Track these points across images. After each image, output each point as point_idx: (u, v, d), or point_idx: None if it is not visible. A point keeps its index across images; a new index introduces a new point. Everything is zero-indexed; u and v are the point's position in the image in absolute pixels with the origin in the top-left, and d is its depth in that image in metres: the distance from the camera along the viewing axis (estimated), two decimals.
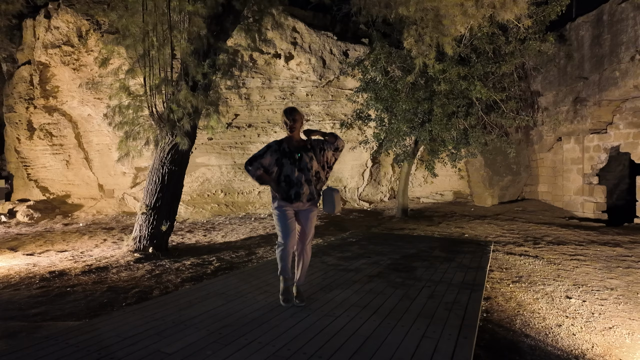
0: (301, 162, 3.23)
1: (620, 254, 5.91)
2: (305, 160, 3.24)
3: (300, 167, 3.22)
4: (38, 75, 10.58)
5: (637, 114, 8.93)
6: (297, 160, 3.22)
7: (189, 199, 11.23)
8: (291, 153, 3.25)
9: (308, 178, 3.24)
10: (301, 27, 10.57)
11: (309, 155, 3.28)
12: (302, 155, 3.25)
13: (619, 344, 3.24)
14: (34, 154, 11.38)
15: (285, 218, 3.26)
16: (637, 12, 7.87)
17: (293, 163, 3.22)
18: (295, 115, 3.28)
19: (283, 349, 2.44)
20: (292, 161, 3.23)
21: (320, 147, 3.35)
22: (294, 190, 3.22)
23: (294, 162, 3.22)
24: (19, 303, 3.94)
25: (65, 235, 7.97)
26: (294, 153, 3.24)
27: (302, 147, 3.32)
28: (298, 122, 3.29)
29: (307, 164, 3.25)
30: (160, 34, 5.82)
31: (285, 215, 3.26)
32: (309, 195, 3.26)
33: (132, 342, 2.51)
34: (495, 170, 11.24)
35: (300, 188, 3.22)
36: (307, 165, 3.25)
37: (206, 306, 3.21)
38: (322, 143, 3.35)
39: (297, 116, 3.29)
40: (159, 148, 6.15)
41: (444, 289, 3.73)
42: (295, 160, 3.22)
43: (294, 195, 3.22)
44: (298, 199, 3.23)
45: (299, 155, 3.23)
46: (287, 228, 3.25)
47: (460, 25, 6.42)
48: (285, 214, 3.25)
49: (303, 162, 3.23)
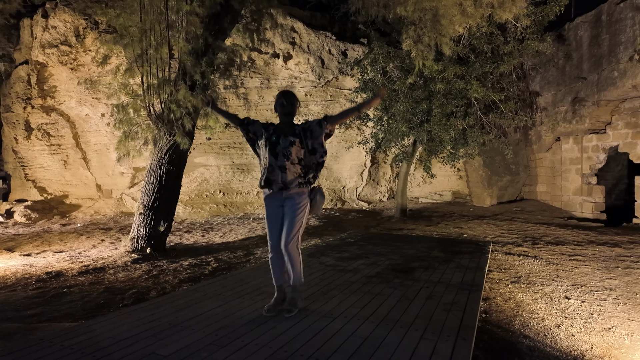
0: (277, 146, 2.93)
1: (619, 254, 5.90)
2: (280, 145, 2.93)
3: (275, 152, 2.92)
4: (35, 75, 10.54)
5: (635, 114, 8.93)
6: (272, 143, 2.94)
7: (187, 199, 11.21)
8: (270, 135, 2.98)
9: (282, 164, 2.91)
10: (300, 26, 10.55)
11: (288, 140, 2.93)
12: (280, 138, 2.94)
13: (618, 345, 3.23)
14: (32, 154, 11.34)
15: (267, 210, 3.04)
16: (635, 12, 7.87)
17: (267, 145, 2.96)
18: (294, 100, 3.04)
19: (280, 350, 2.41)
20: (267, 143, 2.97)
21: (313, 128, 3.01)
22: (264, 175, 2.96)
23: (269, 145, 2.96)
24: (15, 304, 3.92)
25: (62, 235, 7.93)
26: (272, 135, 2.97)
27: (289, 132, 2.99)
28: (296, 108, 3.05)
29: (283, 149, 2.91)
30: (158, 33, 5.80)
31: (267, 207, 3.04)
32: (280, 183, 2.93)
33: (128, 343, 2.48)
34: (494, 170, 11.23)
35: (271, 174, 2.93)
36: (284, 151, 2.91)
37: (203, 307, 3.18)
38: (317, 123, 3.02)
39: (297, 101, 3.06)
40: (157, 148, 6.13)
41: (443, 290, 3.72)
42: (270, 142, 2.95)
43: (264, 181, 2.96)
44: (268, 185, 2.96)
45: (274, 139, 2.94)
46: (268, 223, 3.04)
47: (459, 25, 6.41)
48: (268, 204, 3.03)
49: (279, 147, 2.92)
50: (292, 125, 3.04)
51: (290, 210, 2.96)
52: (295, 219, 2.95)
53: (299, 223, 2.98)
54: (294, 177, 2.94)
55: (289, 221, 2.96)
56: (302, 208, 3.00)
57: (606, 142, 9.47)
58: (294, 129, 3.01)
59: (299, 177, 2.96)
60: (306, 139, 2.99)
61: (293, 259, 3.02)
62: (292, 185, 2.94)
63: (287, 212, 2.97)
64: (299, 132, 2.99)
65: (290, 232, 2.95)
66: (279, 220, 3.00)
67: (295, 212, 2.95)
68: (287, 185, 2.94)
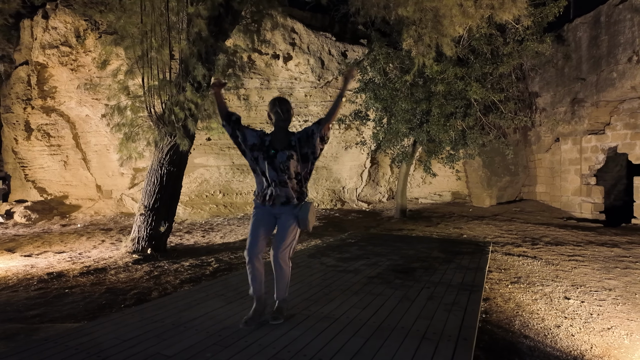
0: (274, 160, 2.80)
1: (618, 254, 5.93)
2: (278, 159, 2.80)
3: (274, 166, 2.81)
4: (36, 76, 10.54)
5: (634, 115, 8.97)
6: (270, 156, 2.81)
7: (187, 199, 11.21)
8: (267, 148, 2.83)
9: (283, 179, 2.81)
10: (300, 27, 10.57)
11: (287, 154, 2.81)
12: (278, 152, 2.81)
13: (617, 345, 3.25)
14: (32, 154, 11.34)
15: (256, 217, 2.92)
16: (634, 13, 7.90)
17: (266, 159, 2.82)
18: (290, 107, 2.89)
19: (283, 350, 2.43)
20: (265, 156, 2.82)
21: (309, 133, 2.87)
22: (266, 191, 2.85)
23: (267, 158, 2.82)
24: (17, 305, 3.93)
25: (63, 236, 7.94)
26: (270, 149, 2.82)
27: (285, 143, 2.86)
28: (291, 115, 2.92)
29: (281, 164, 2.80)
30: (159, 34, 5.82)
31: (258, 215, 2.92)
32: (284, 198, 2.84)
33: (132, 344, 2.50)
34: (494, 170, 11.26)
35: (275, 189, 2.82)
36: (282, 166, 2.80)
37: (205, 308, 3.20)
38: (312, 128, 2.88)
39: (292, 108, 2.92)
40: (158, 149, 6.14)
41: (443, 290, 3.74)
42: (268, 157, 2.81)
43: (267, 197, 2.85)
44: (271, 202, 2.84)
45: (273, 152, 2.80)
46: (251, 233, 2.89)
47: (459, 25, 6.43)
48: (260, 213, 2.91)
49: (277, 161, 2.80)
50: (288, 135, 2.90)
51: (287, 221, 2.86)
52: (291, 230, 2.86)
53: (294, 234, 2.88)
54: (293, 191, 2.86)
55: (284, 231, 2.85)
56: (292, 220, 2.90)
57: (605, 142, 9.51)
58: (290, 139, 2.88)
59: (297, 190, 2.89)
60: (301, 148, 2.87)
61: (283, 271, 2.89)
62: (292, 200, 2.86)
63: (282, 222, 2.88)
64: (295, 144, 2.86)
65: (284, 241, 2.84)
66: (268, 230, 2.91)
67: (291, 223, 2.86)
68: (290, 200, 2.85)
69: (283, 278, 2.91)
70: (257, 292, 2.88)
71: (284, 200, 2.85)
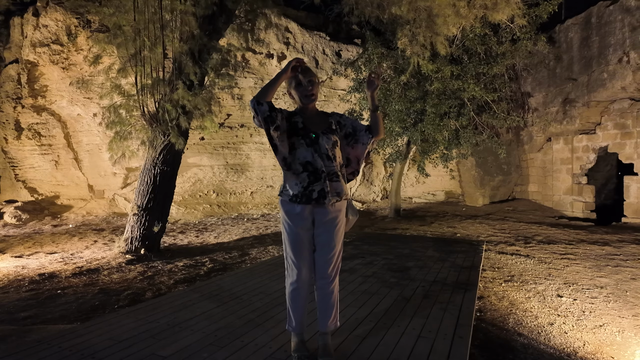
0: (320, 145, 2.16)
1: (609, 252, 6.01)
2: (324, 145, 2.17)
3: (320, 153, 2.15)
4: (26, 74, 10.41)
5: (624, 115, 9.08)
6: (313, 140, 2.15)
7: (180, 199, 11.14)
8: (306, 131, 2.17)
9: (332, 170, 2.18)
10: (294, 27, 10.56)
11: (330, 139, 2.20)
12: (319, 136, 2.17)
13: (609, 342, 3.29)
14: (22, 154, 11.19)
15: (294, 231, 2.17)
16: (624, 14, 8.00)
17: (310, 145, 2.15)
18: (313, 77, 2.20)
19: (280, 350, 2.43)
20: (309, 142, 2.15)
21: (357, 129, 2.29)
22: (312, 186, 2.14)
23: (311, 144, 2.15)
24: (8, 306, 3.87)
25: (54, 236, 7.84)
26: (309, 132, 2.17)
27: (325, 124, 2.24)
28: (316, 87, 2.22)
29: (327, 150, 2.17)
30: (152, 33, 5.77)
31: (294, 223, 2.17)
32: (336, 195, 2.18)
33: (127, 345, 2.48)
34: (487, 170, 11.34)
35: (323, 184, 2.13)
36: (328, 152, 2.17)
37: (201, 308, 3.18)
38: (363, 128, 2.28)
39: (315, 78, 2.22)
40: (151, 148, 6.10)
41: (438, 289, 3.76)
42: (311, 142, 2.15)
43: (317, 192, 2.14)
44: (319, 199, 2.14)
45: (314, 136, 2.16)
46: (298, 247, 2.18)
47: (453, 25, 6.46)
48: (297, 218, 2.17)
49: (322, 147, 2.16)
50: (323, 115, 2.31)
51: (331, 227, 2.21)
52: (339, 239, 2.25)
53: (341, 243, 2.28)
54: (344, 185, 2.24)
55: (332, 242, 2.21)
56: (343, 223, 2.28)
57: (596, 142, 9.62)
58: (329, 120, 2.28)
59: (344, 185, 2.27)
60: (345, 138, 2.30)
61: (334, 296, 2.27)
62: (344, 196, 2.24)
63: (326, 230, 2.20)
64: (336, 128, 2.28)
65: (335, 256, 2.23)
66: (311, 240, 2.23)
67: (339, 230, 2.24)
68: (340, 196, 2.22)
69: (335, 304, 2.31)
70: (298, 328, 2.32)
71: (337, 199, 2.20)
